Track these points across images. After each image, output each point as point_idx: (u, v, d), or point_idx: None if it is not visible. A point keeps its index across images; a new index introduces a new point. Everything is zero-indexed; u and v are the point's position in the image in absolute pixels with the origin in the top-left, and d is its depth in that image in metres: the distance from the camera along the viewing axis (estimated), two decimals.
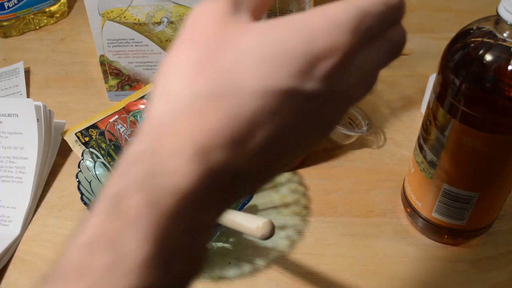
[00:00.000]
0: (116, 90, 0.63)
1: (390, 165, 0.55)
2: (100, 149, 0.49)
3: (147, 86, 0.62)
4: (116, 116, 0.57)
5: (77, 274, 0.19)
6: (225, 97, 0.20)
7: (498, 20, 0.36)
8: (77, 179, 0.45)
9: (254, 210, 0.51)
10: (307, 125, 0.22)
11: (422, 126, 0.44)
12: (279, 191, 0.53)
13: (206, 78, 0.20)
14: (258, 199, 0.52)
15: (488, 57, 0.36)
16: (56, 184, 0.55)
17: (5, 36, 0.74)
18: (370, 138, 0.58)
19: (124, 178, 0.20)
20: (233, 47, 0.21)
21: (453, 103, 0.38)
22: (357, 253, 0.47)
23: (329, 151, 0.57)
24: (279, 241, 0.48)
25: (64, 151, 0.57)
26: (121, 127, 0.51)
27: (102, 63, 0.60)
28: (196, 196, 0.20)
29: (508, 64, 0.35)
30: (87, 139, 0.56)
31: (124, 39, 0.58)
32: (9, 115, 0.54)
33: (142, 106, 0.59)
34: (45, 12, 0.75)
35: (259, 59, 0.20)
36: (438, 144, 0.41)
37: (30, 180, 0.52)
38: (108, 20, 0.56)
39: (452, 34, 0.40)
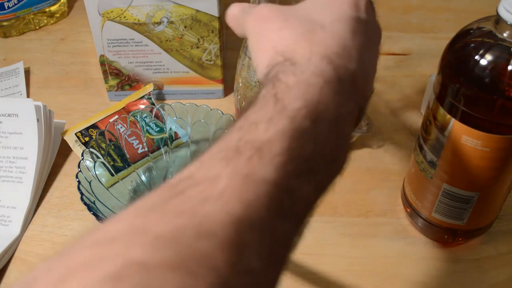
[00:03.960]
0: (116, 90, 0.63)
1: (390, 165, 0.55)
2: (100, 149, 0.49)
3: (147, 86, 0.62)
4: (116, 116, 0.57)
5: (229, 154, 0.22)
6: (317, 31, 0.28)
7: (498, 20, 0.36)
8: (77, 179, 0.45)
9: None
10: (368, 43, 0.30)
11: (422, 126, 0.44)
12: None
13: (294, 25, 0.29)
14: None
15: (488, 57, 0.36)
16: (56, 184, 0.55)
17: (5, 36, 0.74)
18: (370, 138, 0.58)
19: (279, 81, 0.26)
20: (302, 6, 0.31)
21: (453, 103, 0.38)
22: (357, 253, 0.47)
23: None
24: None
25: (64, 151, 0.57)
26: (121, 127, 0.51)
27: (102, 63, 0.60)
28: (333, 83, 0.26)
29: (508, 64, 0.35)
30: (87, 139, 0.56)
31: (124, 39, 0.58)
32: (9, 115, 0.54)
33: (142, 106, 0.59)
34: (45, 12, 0.75)
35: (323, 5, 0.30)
36: (438, 144, 0.41)
37: (30, 180, 0.52)
38: (108, 20, 0.56)
39: (452, 34, 0.40)
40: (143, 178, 0.53)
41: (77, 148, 0.56)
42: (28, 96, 0.65)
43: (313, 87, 0.25)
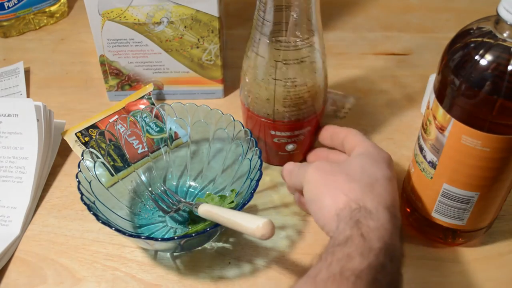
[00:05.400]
0: (116, 90, 0.63)
1: None
2: (100, 149, 0.49)
3: (147, 86, 0.62)
4: (116, 116, 0.57)
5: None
6: (374, 185, 0.40)
7: (498, 20, 0.36)
8: (77, 179, 0.45)
9: (254, 210, 0.51)
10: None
11: (422, 126, 0.44)
12: (279, 191, 0.53)
13: (357, 178, 0.40)
14: (258, 199, 0.52)
15: (488, 57, 0.36)
16: (56, 184, 0.55)
17: (5, 36, 0.74)
18: (370, 138, 0.58)
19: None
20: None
21: (453, 103, 0.38)
22: None
23: None
24: (279, 241, 0.48)
25: (64, 151, 0.57)
26: (121, 127, 0.51)
27: (102, 63, 0.60)
28: (397, 230, 0.37)
29: (508, 64, 0.35)
30: (87, 139, 0.56)
31: (124, 39, 0.58)
32: (9, 115, 0.54)
33: (142, 106, 0.59)
34: (45, 12, 0.76)
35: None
36: (438, 144, 0.41)
37: (30, 180, 0.52)
38: (108, 20, 0.56)
39: (452, 34, 0.40)
40: (143, 178, 0.53)
41: (77, 148, 0.56)
42: (28, 96, 0.65)
43: (387, 231, 0.35)
